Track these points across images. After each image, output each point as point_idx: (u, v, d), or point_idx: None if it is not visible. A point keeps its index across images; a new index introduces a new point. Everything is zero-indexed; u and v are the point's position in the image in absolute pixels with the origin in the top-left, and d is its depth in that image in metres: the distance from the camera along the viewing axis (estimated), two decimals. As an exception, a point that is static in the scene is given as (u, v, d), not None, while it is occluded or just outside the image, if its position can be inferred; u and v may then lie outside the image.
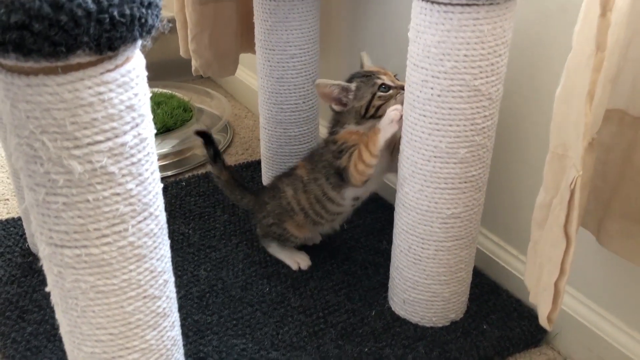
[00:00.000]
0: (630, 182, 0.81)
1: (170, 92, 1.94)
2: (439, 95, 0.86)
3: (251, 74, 1.96)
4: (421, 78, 0.87)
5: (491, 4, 0.80)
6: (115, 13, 0.54)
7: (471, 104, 0.86)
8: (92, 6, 0.52)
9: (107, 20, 0.54)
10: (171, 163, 1.64)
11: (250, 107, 2.00)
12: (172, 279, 0.78)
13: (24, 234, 1.28)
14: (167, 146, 1.66)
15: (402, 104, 0.97)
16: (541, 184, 0.78)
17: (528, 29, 0.99)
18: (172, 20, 1.65)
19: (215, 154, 1.23)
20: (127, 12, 0.55)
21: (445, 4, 0.81)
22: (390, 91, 1.02)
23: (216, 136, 1.75)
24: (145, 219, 0.67)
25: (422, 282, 1.02)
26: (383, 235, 1.29)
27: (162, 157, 1.64)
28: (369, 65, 1.11)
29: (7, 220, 1.35)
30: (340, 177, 1.07)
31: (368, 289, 1.14)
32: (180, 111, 1.81)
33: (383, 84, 1.02)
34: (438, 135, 0.89)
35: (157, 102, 1.82)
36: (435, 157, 0.91)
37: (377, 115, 1.03)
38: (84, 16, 0.52)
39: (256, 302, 1.10)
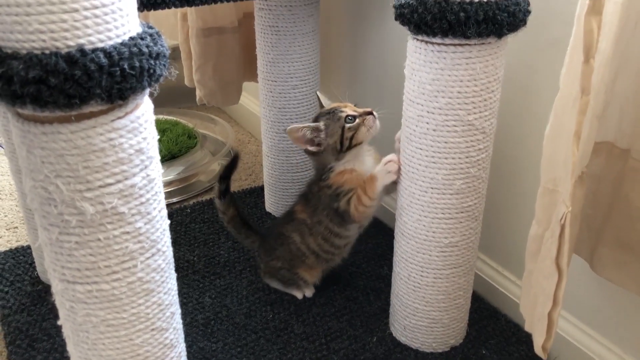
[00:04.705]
0: (619, 211, 0.84)
1: (175, 119, 1.97)
2: (434, 130, 0.89)
3: (254, 100, 2.00)
4: (417, 113, 0.90)
5: (482, 43, 0.83)
6: (126, 66, 0.58)
7: (465, 137, 0.89)
8: (104, 61, 0.56)
9: (118, 73, 0.57)
10: (176, 190, 1.67)
11: (254, 133, 2.03)
12: (179, 311, 0.80)
13: (34, 262, 1.31)
14: (172, 173, 1.68)
15: (373, 127, 1.05)
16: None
17: (521, 63, 1.02)
18: (177, 49, 1.69)
19: (225, 190, 1.23)
20: (137, 64, 0.58)
21: (439, 44, 0.84)
22: (357, 120, 1.06)
23: (220, 161, 1.78)
24: (153, 255, 0.71)
25: (421, 308, 1.04)
26: (384, 261, 1.32)
27: (167, 184, 1.66)
28: (327, 103, 1.14)
29: (16, 248, 1.38)
30: (342, 216, 1.10)
31: (370, 315, 1.17)
32: (185, 138, 1.84)
33: (347, 115, 1.06)
34: (434, 168, 0.92)
35: (162, 130, 1.84)
36: (432, 188, 0.94)
37: (353, 145, 1.07)
38: (97, 70, 0.56)
39: (260, 329, 1.13)
